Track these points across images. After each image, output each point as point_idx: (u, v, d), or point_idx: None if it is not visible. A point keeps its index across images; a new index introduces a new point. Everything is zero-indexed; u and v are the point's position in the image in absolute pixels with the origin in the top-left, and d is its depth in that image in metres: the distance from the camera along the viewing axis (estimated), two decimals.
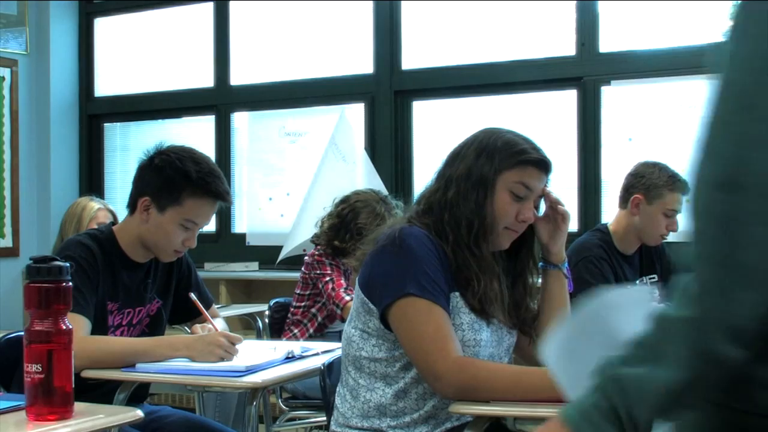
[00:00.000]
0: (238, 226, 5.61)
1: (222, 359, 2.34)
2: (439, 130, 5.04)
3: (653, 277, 3.41)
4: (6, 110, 5.60)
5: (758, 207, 0.88)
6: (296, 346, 2.60)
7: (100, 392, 2.37)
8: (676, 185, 3.24)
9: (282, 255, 4.83)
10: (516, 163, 2.01)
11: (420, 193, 2.14)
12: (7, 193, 5.60)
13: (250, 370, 2.29)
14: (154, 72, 5.91)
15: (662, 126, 4.45)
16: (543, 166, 2.05)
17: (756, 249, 0.88)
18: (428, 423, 1.99)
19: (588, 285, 3.09)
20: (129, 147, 6.04)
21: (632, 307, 1.20)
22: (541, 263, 2.18)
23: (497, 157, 2.01)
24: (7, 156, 5.60)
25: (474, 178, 2.02)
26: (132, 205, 2.50)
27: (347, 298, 3.52)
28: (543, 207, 2.15)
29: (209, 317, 2.59)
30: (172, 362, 2.34)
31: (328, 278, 3.61)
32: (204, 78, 5.75)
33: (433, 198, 2.06)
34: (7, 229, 5.59)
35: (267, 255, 5.19)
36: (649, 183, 3.24)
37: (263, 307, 4.07)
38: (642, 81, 4.51)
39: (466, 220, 2.00)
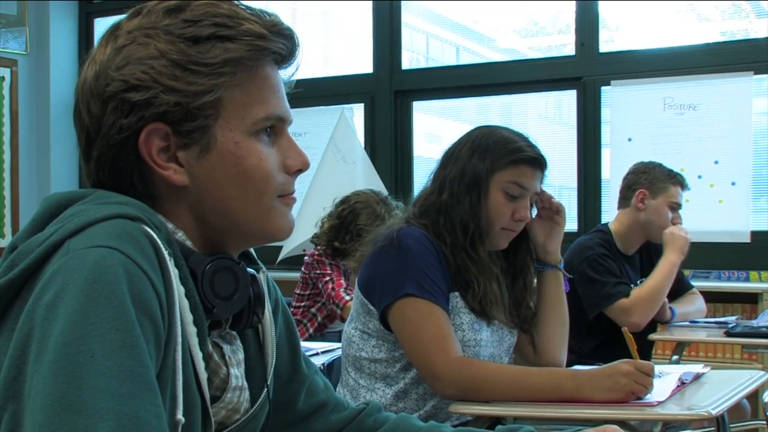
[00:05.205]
0: None
1: None
2: (439, 130, 5.04)
3: None
4: (6, 110, 5.60)
5: None
6: None
7: None
8: (676, 179, 3.28)
9: (282, 255, 4.83)
10: (509, 163, 1.99)
11: (416, 195, 2.13)
12: (7, 193, 5.59)
13: None
14: None
15: (662, 126, 4.45)
16: (537, 163, 2.02)
17: None
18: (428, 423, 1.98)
19: (596, 283, 3.08)
20: None
21: None
22: (536, 264, 2.15)
23: (489, 157, 1.99)
24: (7, 156, 5.60)
25: (467, 180, 2.00)
26: None
27: (347, 297, 3.51)
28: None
29: None
30: None
31: (327, 278, 3.60)
32: None
33: (428, 201, 2.05)
34: (7, 229, 5.59)
35: (267, 255, 5.18)
36: (651, 177, 3.27)
37: None
38: (642, 81, 4.51)
39: (461, 223, 1.98)
